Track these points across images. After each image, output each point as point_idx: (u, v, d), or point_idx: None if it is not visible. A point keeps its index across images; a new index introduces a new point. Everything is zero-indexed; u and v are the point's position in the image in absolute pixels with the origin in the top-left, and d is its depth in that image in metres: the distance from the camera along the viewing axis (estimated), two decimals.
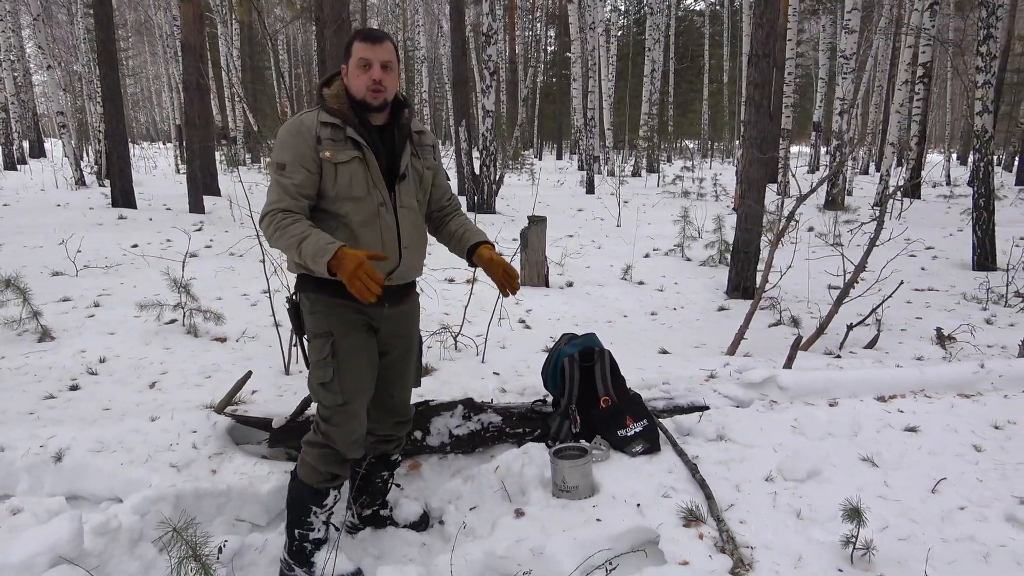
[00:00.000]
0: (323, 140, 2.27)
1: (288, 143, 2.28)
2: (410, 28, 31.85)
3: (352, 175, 2.28)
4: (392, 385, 2.61)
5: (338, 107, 2.33)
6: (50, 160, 22.65)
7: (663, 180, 18.39)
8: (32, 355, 4.35)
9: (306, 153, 2.26)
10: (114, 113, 11.50)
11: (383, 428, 2.68)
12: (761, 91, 5.93)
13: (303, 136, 2.27)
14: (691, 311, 5.95)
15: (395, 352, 2.57)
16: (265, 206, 2.27)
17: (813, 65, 27.35)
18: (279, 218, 2.21)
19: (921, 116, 14.61)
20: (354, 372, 2.39)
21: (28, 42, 23.58)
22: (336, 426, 2.40)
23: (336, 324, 2.37)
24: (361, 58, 2.27)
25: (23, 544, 2.22)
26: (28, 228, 9.13)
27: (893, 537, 2.48)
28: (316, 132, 2.28)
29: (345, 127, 2.30)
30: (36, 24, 17.28)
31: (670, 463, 2.96)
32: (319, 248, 2.08)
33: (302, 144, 2.26)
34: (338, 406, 2.38)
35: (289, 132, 2.30)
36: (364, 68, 2.27)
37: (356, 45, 2.30)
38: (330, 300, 2.36)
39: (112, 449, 3.02)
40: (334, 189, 2.29)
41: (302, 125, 2.29)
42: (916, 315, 5.57)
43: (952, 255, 8.20)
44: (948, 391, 3.73)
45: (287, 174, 2.25)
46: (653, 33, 21.43)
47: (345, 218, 2.30)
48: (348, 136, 2.30)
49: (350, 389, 2.38)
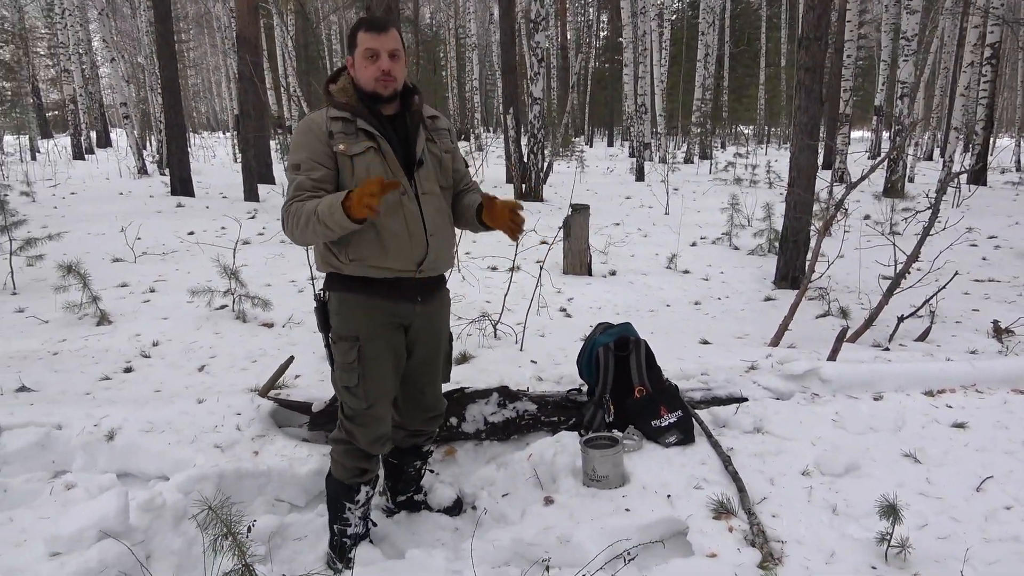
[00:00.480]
0: (335, 134, 2.24)
1: (300, 143, 2.25)
2: (461, 15, 31.87)
3: (369, 166, 2.24)
4: (423, 383, 2.59)
5: (346, 100, 2.29)
6: (115, 150, 23.51)
7: (715, 167, 18.07)
8: (91, 338, 4.55)
9: (319, 149, 2.23)
10: (172, 104, 11.86)
11: (414, 424, 2.67)
12: (812, 75, 5.77)
13: (314, 133, 2.24)
14: (736, 301, 5.86)
15: (426, 349, 2.53)
16: (282, 208, 2.24)
17: (876, 47, 26.44)
18: (294, 208, 2.18)
19: (988, 99, 13.98)
20: (379, 377, 2.37)
21: (95, 36, 24.40)
22: (360, 426, 2.41)
23: (364, 327, 2.33)
24: (367, 48, 2.22)
25: (73, 518, 2.33)
26: (92, 216, 9.51)
27: (932, 535, 2.41)
28: (327, 127, 2.24)
29: (355, 119, 2.26)
30: (101, 18, 17.91)
31: (704, 455, 2.93)
32: (332, 203, 2.06)
33: (314, 141, 2.23)
34: (363, 410, 2.38)
35: (300, 132, 2.27)
36: (371, 59, 2.23)
37: (361, 35, 2.25)
38: (360, 300, 2.32)
39: (161, 429, 3.16)
40: (353, 182, 2.23)
41: (312, 123, 2.27)
42: (973, 307, 5.36)
43: (1017, 245, 7.87)
44: (1001, 386, 3.59)
45: (304, 171, 2.23)
46: (707, 16, 21.01)
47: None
48: (359, 128, 2.25)
49: (374, 393, 2.37)
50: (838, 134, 15.85)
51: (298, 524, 2.81)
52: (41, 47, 32.33)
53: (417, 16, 32.28)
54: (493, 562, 2.42)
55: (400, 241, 2.27)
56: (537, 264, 5.14)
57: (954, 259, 6.77)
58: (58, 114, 34.06)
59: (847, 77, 15.77)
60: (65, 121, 24.71)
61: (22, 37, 26.81)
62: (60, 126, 32.58)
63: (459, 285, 5.78)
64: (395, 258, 2.28)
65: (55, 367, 4.05)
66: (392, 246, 2.27)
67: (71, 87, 23.35)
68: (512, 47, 13.96)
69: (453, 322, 4.66)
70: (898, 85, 12.39)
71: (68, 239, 7.67)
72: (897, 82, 12.51)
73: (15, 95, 28.38)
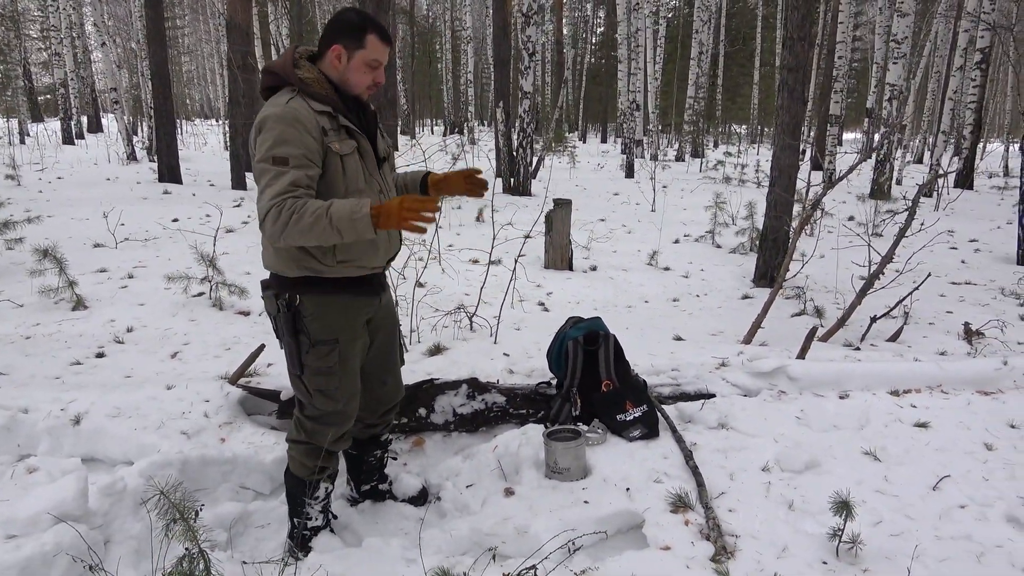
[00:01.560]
0: (328, 131, 2.11)
1: (288, 135, 2.02)
2: (457, 8, 31.79)
3: (356, 166, 2.18)
4: (384, 371, 2.60)
5: (324, 92, 2.15)
6: (106, 135, 23.35)
7: (706, 165, 18.10)
8: (65, 323, 4.54)
9: (312, 146, 2.06)
10: (161, 90, 11.81)
11: (374, 416, 2.68)
12: (795, 75, 5.79)
13: (305, 127, 2.05)
14: (714, 298, 5.89)
15: (384, 337, 2.55)
16: (267, 200, 1.99)
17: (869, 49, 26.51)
18: (290, 203, 1.96)
19: (977, 103, 14.05)
20: (353, 376, 2.37)
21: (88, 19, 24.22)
22: (329, 426, 2.38)
23: (344, 328, 2.28)
24: (376, 59, 2.17)
25: (31, 501, 2.33)
26: (77, 201, 9.48)
27: (885, 532, 2.44)
28: (318, 122, 2.09)
29: (337, 115, 2.16)
30: (93, 1, 17.78)
31: (666, 449, 2.96)
32: (352, 209, 1.92)
33: (306, 136, 2.05)
34: (337, 410, 2.36)
35: (285, 123, 2.04)
36: (373, 68, 2.18)
37: (372, 41, 2.15)
38: (342, 301, 2.26)
39: (128, 415, 3.16)
40: (343, 183, 2.14)
41: (299, 114, 2.06)
42: (947, 309, 5.41)
43: (996, 248, 7.92)
44: (967, 387, 3.64)
45: (295, 167, 2.02)
46: (702, 15, 21.03)
47: None
48: (341, 125, 2.16)
49: (348, 394, 2.36)
50: (828, 135, 15.89)
51: (261, 512, 2.81)
52: (33, 30, 32.04)
53: (413, 8, 32.17)
54: (450, 551, 2.44)
55: (379, 241, 2.26)
56: (517, 258, 5.15)
57: (933, 261, 6.84)
58: (49, 98, 33.80)
59: (838, 78, 15.81)
60: (56, 105, 24.54)
61: (13, 19, 26.55)
62: (51, 110, 32.32)
63: (439, 277, 5.79)
64: (377, 256, 2.29)
65: (27, 351, 4.04)
66: (381, 244, 2.28)
67: (62, 71, 23.19)
68: (505, 40, 13.93)
69: (430, 314, 4.71)
70: (887, 87, 12.43)
71: (51, 223, 7.64)
72: (886, 84, 12.55)
73: (5, 78, 28.14)
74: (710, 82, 26.33)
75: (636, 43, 17.98)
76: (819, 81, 21.80)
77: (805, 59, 5.79)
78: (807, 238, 7.62)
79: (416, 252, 5.12)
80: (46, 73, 31.28)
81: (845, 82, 16.37)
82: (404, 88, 33.10)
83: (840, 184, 12.42)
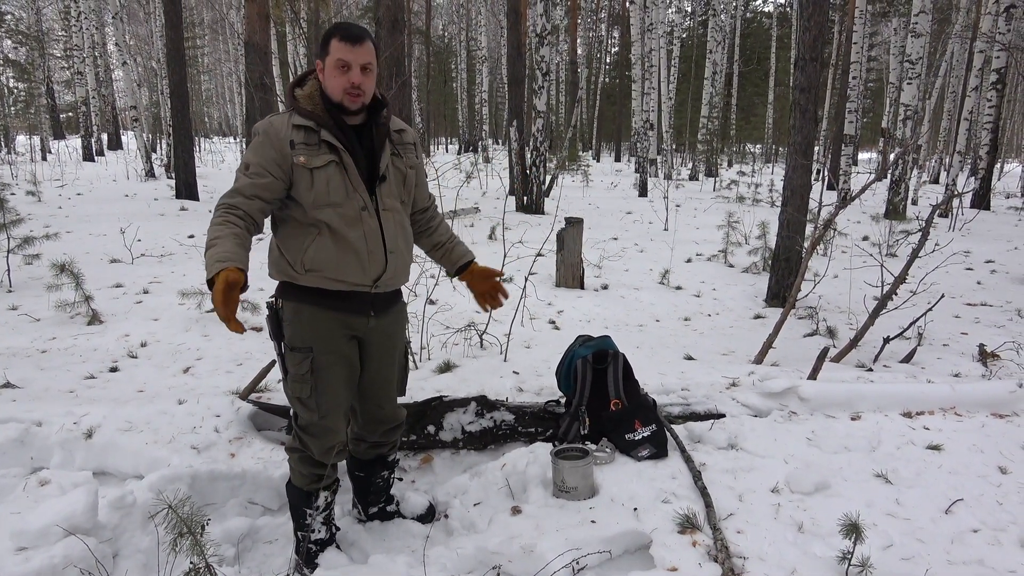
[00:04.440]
0: (296, 144, 2.16)
1: (257, 144, 2.18)
2: (472, 28, 32.11)
3: (329, 180, 2.18)
4: (380, 397, 2.57)
5: (312, 108, 2.21)
6: (125, 152, 23.69)
7: (719, 184, 18.09)
8: (80, 337, 4.60)
9: (271, 157, 2.16)
10: (180, 108, 11.98)
11: (374, 436, 2.66)
12: (807, 95, 5.80)
13: (271, 140, 2.17)
14: (726, 318, 5.86)
15: (380, 363, 2.50)
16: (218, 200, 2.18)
17: (885, 69, 26.48)
18: (219, 213, 2.12)
19: (993, 124, 13.98)
20: (332, 389, 2.34)
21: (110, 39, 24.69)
22: (313, 437, 2.39)
23: (318, 338, 2.29)
24: (339, 59, 2.15)
25: (42, 513, 2.35)
26: (95, 216, 9.61)
27: (896, 556, 2.41)
28: (288, 135, 2.17)
29: (319, 130, 2.19)
30: (115, 21, 18.13)
31: (675, 469, 2.94)
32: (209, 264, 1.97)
33: (269, 148, 2.16)
34: (316, 421, 2.36)
35: (260, 133, 2.19)
36: (342, 70, 2.16)
37: (334, 43, 2.16)
38: (313, 311, 2.28)
39: (139, 429, 3.18)
40: (311, 195, 2.18)
41: (273, 128, 2.18)
42: (962, 330, 5.35)
43: (1013, 270, 7.84)
44: (981, 410, 3.60)
45: (249, 174, 2.16)
46: (716, 35, 21.14)
47: (326, 225, 2.21)
48: (323, 139, 2.19)
49: (327, 405, 2.34)
50: (842, 154, 15.86)
51: (269, 527, 2.82)
52: (57, 49, 32.69)
53: (428, 27, 32.52)
54: (455, 570, 2.43)
55: (359, 257, 2.24)
56: (528, 276, 5.17)
57: (948, 282, 6.78)
58: (71, 116, 34.38)
59: (852, 98, 15.80)
60: (77, 123, 24.96)
61: (38, 39, 27.11)
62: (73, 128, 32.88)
63: (450, 294, 5.81)
64: (352, 272, 2.25)
65: (42, 365, 4.09)
66: (351, 261, 2.24)
67: (84, 89, 23.60)
68: (520, 60, 14.04)
69: (441, 331, 4.72)
70: (901, 107, 12.41)
71: (69, 239, 7.75)
72: (901, 104, 12.53)
73: (29, 96, 28.68)
74: (724, 102, 26.37)
75: (650, 63, 18.07)
76: (834, 101, 21.79)
77: (817, 79, 5.80)
78: (820, 258, 7.59)
79: (428, 269, 5.14)
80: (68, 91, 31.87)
81: (859, 102, 16.36)
82: (420, 107, 33.40)
83: (854, 204, 12.39)
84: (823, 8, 5.76)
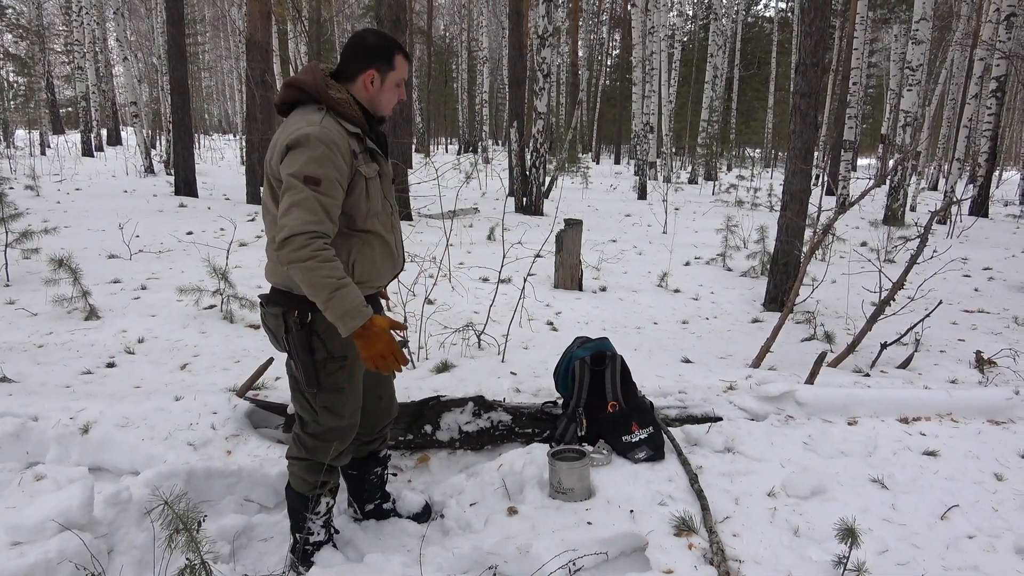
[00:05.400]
0: (358, 154, 2.12)
1: (323, 156, 1.99)
2: (474, 29, 32.11)
3: (377, 189, 2.20)
4: (380, 385, 2.60)
5: (355, 115, 2.14)
6: (125, 148, 23.66)
7: (719, 188, 18.10)
8: (77, 332, 4.59)
9: (344, 170, 2.05)
10: (180, 105, 11.97)
11: (369, 434, 2.68)
12: (808, 100, 5.81)
13: (339, 149, 2.04)
14: (724, 321, 5.87)
15: None
16: (297, 224, 1.93)
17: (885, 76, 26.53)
18: (319, 245, 1.93)
19: (992, 131, 14.01)
20: (359, 391, 2.40)
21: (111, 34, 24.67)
22: (331, 441, 2.37)
23: (352, 345, 2.15)
24: (403, 78, 2.23)
25: (37, 508, 2.34)
26: (94, 212, 9.60)
27: (891, 561, 2.42)
28: (350, 145, 2.09)
29: (364, 137, 2.16)
30: (116, 17, 18.12)
31: (672, 471, 2.94)
32: (353, 308, 1.94)
33: (339, 158, 2.03)
34: (340, 427, 2.36)
35: (321, 142, 2.00)
36: (399, 87, 2.23)
37: (400, 61, 2.21)
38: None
39: (136, 425, 3.18)
40: (366, 206, 2.15)
41: (335, 135, 2.04)
42: (959, 337, 5.36)
43: (1011, 277, 7.86)
44: (977, 416, 3.61)
45: (324, 191, 1.98)
46: (717, 39, 21.17)
47: (376, 236, 2.21)
48: (368, 147, 2.18)
49: (352, 408, 2.37)
50: (842, 160, 15.88)
51: (265, 525, 2.81)
52: (58, 44, 32.66)
53: (430, 28, 32.52)
54: (451, 569, 2.43)
55: (395, 261, 2.34)
56: (526, 277, 5.17)
57: (946, 289, 6.80)
58: (71, 111, 34.35)
59: (852, 104, 15.83)
60: (77, 118, 24.93)
61: (38, 33, 27.07)
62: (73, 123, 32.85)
63: (448, 295, 5.81)
64: (388, 275, 2.34)
65: (39, 359, 4.09)
66: (390, 266, 2.32)
67: (84, 84, 23.57)
68: (521, 61, 14.04)
69: (439, 331, 4.73)
70: (901, 114, 12.43)
71: (67, 234, 7.74)
72: (900, 111, 12.55)
73: (29, 90, 28.65)
74: (724, 106, 26.40)
75: (651, 66, 18.08)
76: (834, 106, 21.83)
77: (818, 85, 5.81)
78: (818, 263, 7.61)
79: (426, 269, 5.15)
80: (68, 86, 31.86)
81: (859, 108, 16.38)
82: (420, 107, 33.39)
83: (853, 210, 12.42)
84: (824, 14, 5.77)
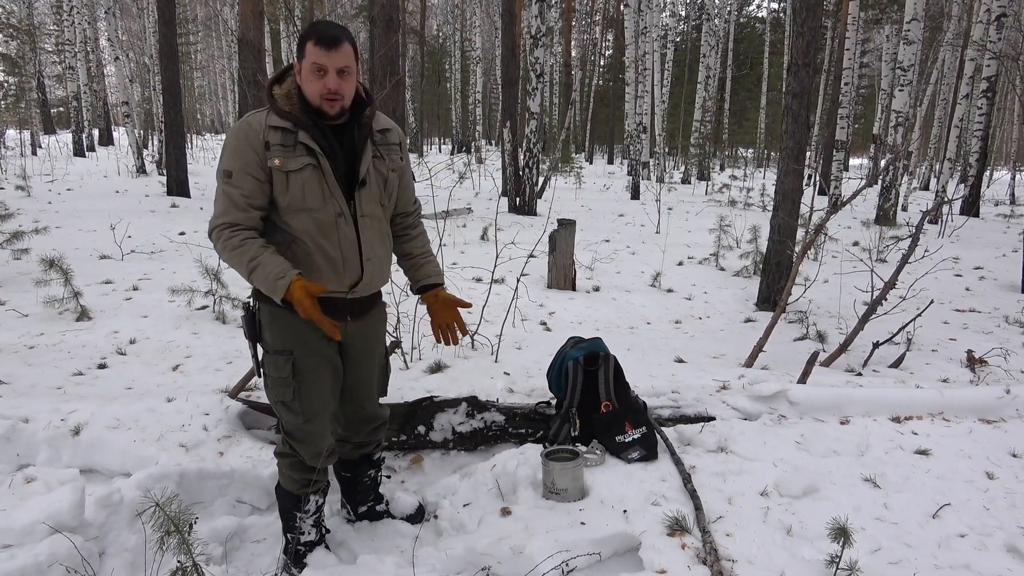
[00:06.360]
0: (272, 146, 2.08)
1: (233, 148, 2.10)
2: (467, 28, 32.11)
3: (305, 184, 2.11)
4: (361, 397, 2.54)
5: (289, 109, 2.12)
6: (117, 148, 23.56)
7: (712, 188, 18.15)
8: (69, 333, 4.56)
9: (252, 159, 2.08)
10: (172, 105, 11.92)
11: (358, 436, 2.65)
12: (799, 101, 5.83)
13: (248, 141, 2.08)
14: (716, 321, 5.88)
15: (360, 365, 2.45)
16: (212, 220, 2.12)
17: (876, 76, 26.65)
18: (226, 235, 2.08)
19: (983, 131, 14.08)
20: (316, 391, 2.30)
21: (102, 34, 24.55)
22: (300, 442, 2.36)
23: (298, 341, 2.22)
24: (315, 63, 2.06)
25: (27, 511, 2.33)
26: (86, 212, 9.55)
27: (883, 560, 2.42)
28: (264, 137, 2.09)
29: (296, 131, 2.10)
30: (108, 16, 18.01)
31: (665, 471, 2.94)
32: (269, 283, 2.01)
33: (247, 150, 2.08)
34: (300, 425, 2.32)
35: (236, 137, 2.11)
36: (318, 74, 2.07)
37: (309, 47, 2.06)
38: (290, 316, 2.13)
39: (127, 427, 3.16)
40: (286, 199, 2.12)
41: (248, 129, 2.10)
42: (951, 336, 5.39)
43: (1001, 276, 7.91)
44: (969, 415, 3.62)
45: (234, 183, 2.09)
46: (709, 39, 21.23)
47: (300, 231, 2.15)
48: (300, 141, 2.10)
49: (311, 408, 2.30)
50: (833, 160, 15.94)
51: (258, 526, 2.81)
52: (48, 43, 32.47)
53: (423, 27, 32.49)
54: (444, 570, 2.43)
55: (334, 265, 2.20)
56: (520, 277, 5.16)
57: (937, 288, 6.83)
58: (62, 111, 34.17)
59: (844, 104, 15.89)
60: (68, 118, 24.81)
61: (29, 33, 26.91)
62: (64, 123, 32.68)
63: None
64: (327, 280, 2.19)
65: (29, 361, 4.06)
66: (326, 269, 2.19)
67: (75, 84, 23.45)
68: (514, 61, 14.04)
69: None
70: (893, 114, 12.48)
71: (58, 234, 7.70)
72: (892, 111, 12.60)
73: (20, 90, 28.47)
74: (717, 106, 26.49)
75: (644, 66, 18.11)
76: (826, 107, 21.91)
77: (810, 85, 5.83)
78: (811, 263, 7.63)
79: None
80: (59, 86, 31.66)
81: (851, 108, 16.45)
82: (413, 106, 33.35)
83: (845, 209, 12.46)
84: (816, 14, 5.79)
